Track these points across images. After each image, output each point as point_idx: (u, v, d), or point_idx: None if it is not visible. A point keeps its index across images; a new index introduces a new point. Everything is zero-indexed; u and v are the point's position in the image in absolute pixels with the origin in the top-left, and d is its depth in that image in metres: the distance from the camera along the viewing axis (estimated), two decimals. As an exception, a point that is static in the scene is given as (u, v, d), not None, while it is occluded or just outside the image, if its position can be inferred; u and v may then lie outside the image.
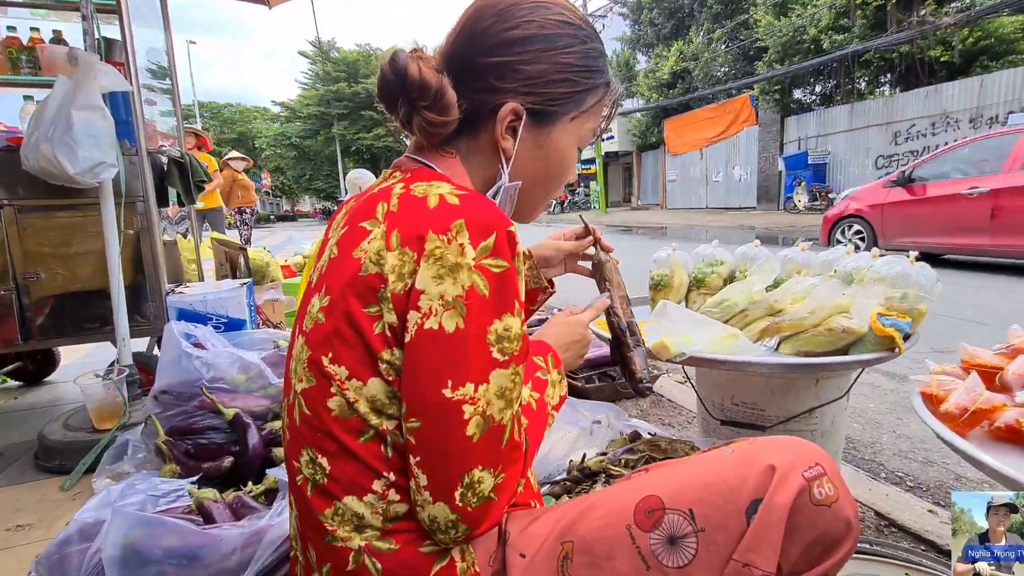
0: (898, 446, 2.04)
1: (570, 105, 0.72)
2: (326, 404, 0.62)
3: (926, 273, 1.10)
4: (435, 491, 0.58)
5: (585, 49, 0.72)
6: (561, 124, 0.73)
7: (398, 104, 0.68)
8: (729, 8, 18.25)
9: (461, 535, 0.59)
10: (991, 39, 11.26)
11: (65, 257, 2.16)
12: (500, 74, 0.68)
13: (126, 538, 0.93)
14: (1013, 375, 0.80)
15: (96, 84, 1.72)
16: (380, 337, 0.60)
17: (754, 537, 0.57)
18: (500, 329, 0.59)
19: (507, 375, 0.60)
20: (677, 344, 1.09)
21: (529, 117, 0.70)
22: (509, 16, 0.68)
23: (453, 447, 0.57)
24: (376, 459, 0.62)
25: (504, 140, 0.70)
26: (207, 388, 1.51)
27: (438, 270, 0.57)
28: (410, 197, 0.63)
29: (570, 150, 0.76)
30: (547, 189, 0.79)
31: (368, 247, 0.61)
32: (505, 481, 0.61)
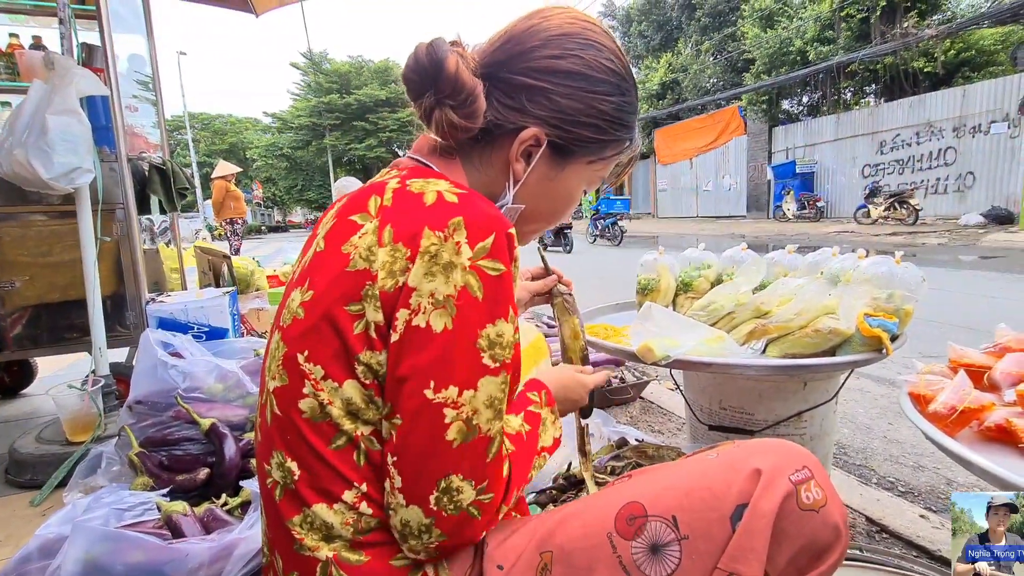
0: (889, 451, 2.03)
1: (591, 150, 0.71)
2: (298, 405, 0.59)
3: (912, 273, 1.08)
4: (408, 492, 0.55)
5: (622, 101, 0.70)
6: (576, 164, 0.71)
7: (424, 94, 0.65)
8: (717, 20, 18.57)
9: (434, 541, 0.56)
10: (972, 51, 11.53)
11: (42, 266, 2.11)
12: (534, 98, 0.66)
13: (87, 554, 0.88)
14: (1001, 374, 0.78)
15: (73, 88, 1.69)
16: (360, 337, 0.57)
17: (739, 545, 0.55)
18: (492, 334, 0.56)
19: (497, 383, 0.57)
20: (662, 347, 1.07)
21: (548, 148, 0.68)
22: (559, 45, 0.66)
23: (431, 450, 0.55)
24: (348, 467, 0.59)
25: (517, 162, 0.68)
26: (182, 398, 1.46)
27: (431, 267, 0.55)
28: (405, 192, 0.61)
29: (577, 190, 0.74)
30: (547, 220, 0.77)
31: (359, 242, 0.59)
32: (490, 502, 0.58)
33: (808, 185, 13.63)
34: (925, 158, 11.34)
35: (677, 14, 20.08)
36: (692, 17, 19.37)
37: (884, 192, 11.00)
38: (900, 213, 10.45)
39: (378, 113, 29.87)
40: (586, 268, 8.05)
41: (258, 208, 36.44)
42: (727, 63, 17.80)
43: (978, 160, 10.37)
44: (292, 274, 0.68)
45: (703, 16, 18.82)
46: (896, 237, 9.02)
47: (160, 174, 2.36)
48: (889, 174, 12.03)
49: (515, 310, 0.60)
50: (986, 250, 7.41)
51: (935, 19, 12.03)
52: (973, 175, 10.48)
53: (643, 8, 21.27)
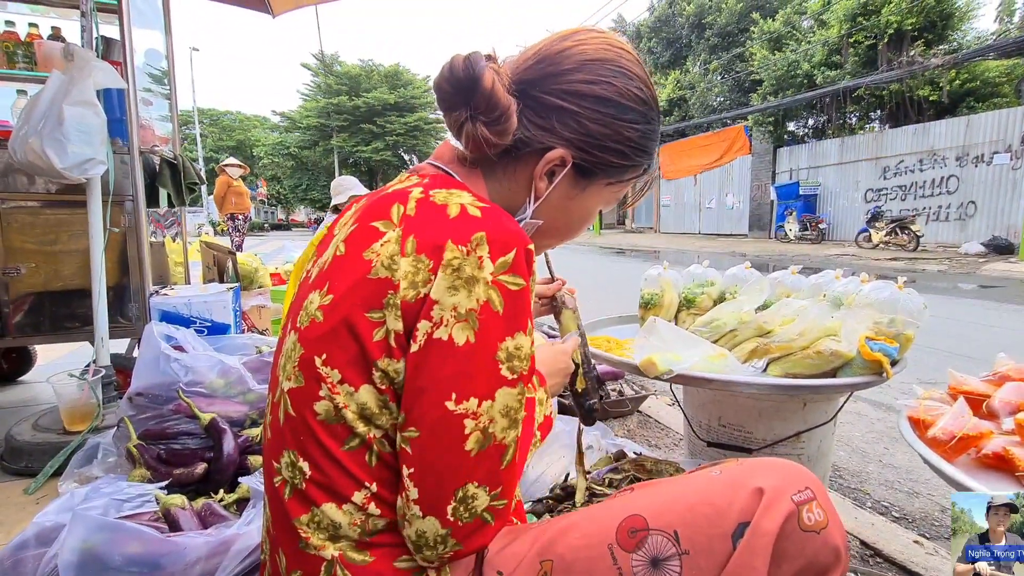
0: (884, 476, 2.03)
1: (613, 173, 0.73)
2: (312, 407, 0.60)
3: (914, 299, 1.10)
4: (426, 505, 0.56)
5: (647, 129, 0.72)
6: (597, 186, 0.73)
7: (457, 106, 0.66)
8: (726, 41, 18.74)
9: (449, 551, 0.57)
10: (977, 81, 11.64)
11: (48, 254, 2.12)
12: (564, 120, 0.68)
13: (85, 543, 0.89)
14: (1000, 402, 0.79)
15: (90, 80, 1.71)
16: (379, 344, 0.57)
17: (740, 563, 0.55)
18: (511, 347, 0.58)
19: (514, 395, 0.58)
20: (665, 361, 1.07)
21: (571, 169, 0.70)
22: (592, 71, 0.67)
23: (450, 461, 0.56)
24: (359, 468, 0.59)
25: (540, 180, 0.70)
26: (184, 392, 1.46)
27: (454, 281, 0.56)
28: (429, 203, 0.62)
29: (594, 210, 0.77)
30: (561, 237, 0.79)
31: (381, 250, 0.59)
32: (503, 508, 0.59)
33: (811, 207, 13.69)
34: (928, 185, 11.41)
35: (687, 32, 20.27)
36: (701, 36, 19.55)
37: (886, 217, 11.06)
38: (901, 239, 10.50)
39: (386, 117, 30.07)
40: (586, 274, 8.06)
41: (262, 205, 36.50)
42: (734, 83, 17.94)
43: (980, 190, 10.44)
44: (307, 275, 0.68)
45: (712, 36, 19.00)
46: (897, 262, 9.05)
47: (171, 168, 2.38)
48: (891, 199, 12.10)
49: (532, 323, 0.61)
50: (986, 279, 7.43)
51: (941, 49, 12.14)
52: (975, 204, 10.54)
53: (653, 25, 21.48)
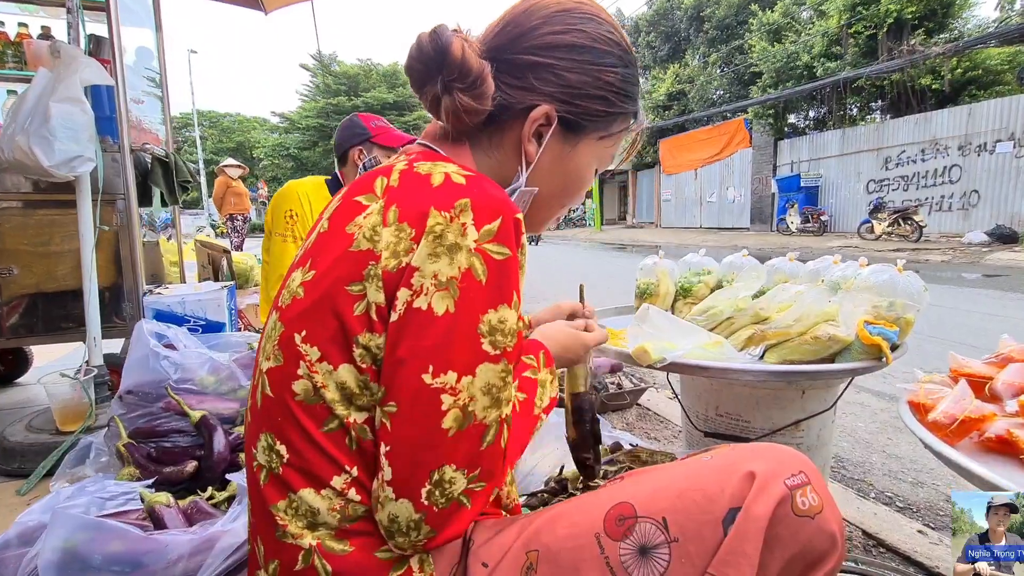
0: (888, 466, 2.00)
1: (600, 124, 0.70)
2: (291, 387, 0.58)
3: (914, 282, 1.07)
4: (399, 486, 0.53)
5: (626, 73, 0.70)
6: (587, 141, 0.71)
7: (430, 81, 0.64)
8: (725, 33, 18.65)
9: (423, 538, 0.54)
10: (979, 70, 11.53)
11: (41, 255, 2.11)
12: (540, 75, 0.66)
13: (66, 542, 0.87)
14: (1003, 384, 0.76)
15: (77, 77, 1.69)
16: (360, 319, 0.56)
17: (730, 549, 0.53)
18: (494, 320, 0.55)
19: (497, 371, 0.56)
20: (658, 349, 1.05)
21: (559, 125, 0.68)
22: (559, 21, 0.66)
23: (426, 439, 0.53)
24: (339, 451, 0.57)
25: (529, 143, 0.68)
26: (173, 389, 1.45)
27: (436, 248, 0.54)
28: (412, 173, 0.60)
29: (589, 169, 0.74)
30: (560, 202, 0.76)
31: (363, 222, 0.58)
32: (482, 491, 0.56)
33: (812, 199, 13.61)
34: (930, 175, 11.32)
35: (685, 26, 20.18)
36: (700, 29, 19.45)
37: (888, 208, 10.97)
38: (904, 229, 10.42)
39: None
40: (587, 269, 8.04)
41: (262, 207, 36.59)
42: (734, 76, 17.85)
43: (983, 179, 10.35)
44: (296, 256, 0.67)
45: (711, 29, 18.90)
46: (900, 253, 8.99)
47: (163, 166, 2.35)
48: (894, 190, 12.01)
49: (519, 298, 0.58)
50: (990, 268, 7.37)
51: (942, 37, 12.04)
52: (978, 193, 10.46)
53: (652, 19, 21.38)
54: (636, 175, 22.71)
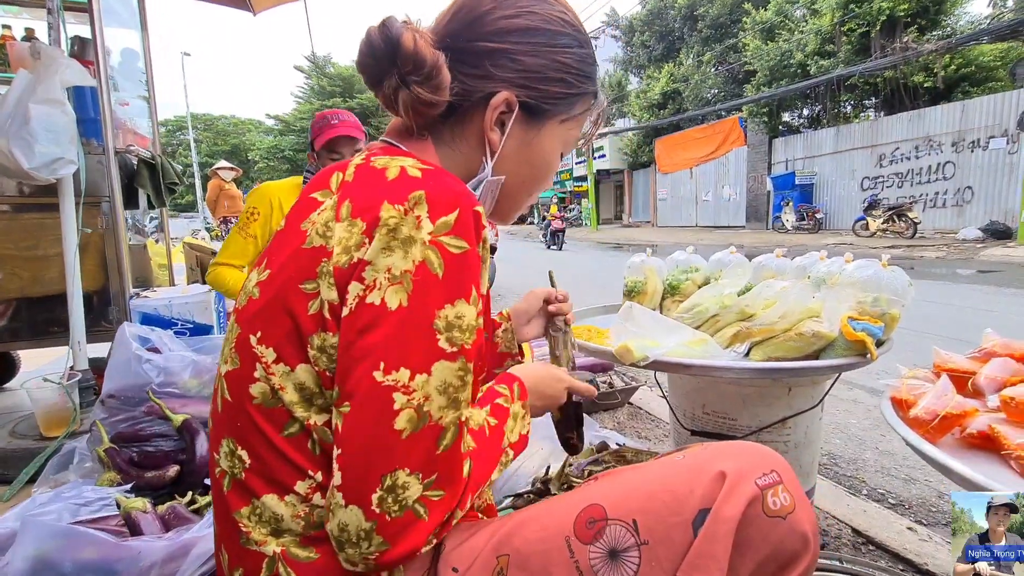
0: (881, 463, 2.00)
1: (562, 107, 0.69)
2: (248, 390, 0.56)
3: (899, 277, 1.06)
4: (349, 491, 0.50)
5: (582, 53, 0.69)
6: (551, 125, 0.70)
7: (384, 76, 0.62)
8: (718, 32, 18.66)
9: (374, 551, 0.50)
10: (972, 66, 11.56)
11: (26, 258, 2.08)
12: (497, 61, 0.65)
13: (37, 551, 0.85)
14: (985, 379, 0.75)
15: (57, 78, 1.67)
16: (314, 318, 0.54)
17: (699, 552, 0.52)
18: (451, 316, 0.53)
19: (453, 369, 0.53)
20: (641, 347, 1.04)
21: (521, 111, 0.67)
22: (510, 4, 0.65)
23: (377, 440, 0.50)
24: (302, 456, 0.56)
25: (492, 131, 0.67)
26: (155, 393, 1.43)
27: (389, 242, 0.52)
28: (368, 168, 0.59)
29: (555, 153, 0.73)
30: (528, 190, 0.75)
31: (317, 218, 0.57)
32: (439, 500, 0.53)
33: (807, 197, 13.63)
34: (924, 172, 11.35)
35: (679, 25, 20.18)
36: (694, 28, 19.46)
37: (883, 205, 11.00)
38: (899, 226, 10.45)
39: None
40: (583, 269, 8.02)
41: (258, 210, 36.40)
42: (728, 74, 17.87)
43: (977, 175, 10.38)
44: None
45: (705, 28, 18.91)
46: (895, 250, 9.01)
47: (149, 168, 2.33)
48: (888, 187, 12.04)
49: (479, 294, 0.56)
50: (984, 264, 7.39)
51: (935, 34, 12.06)
52: (972, 190, 10.48)
53: (646, 18, 21.37)
54: (632, 175, 22.72)
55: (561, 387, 0.81)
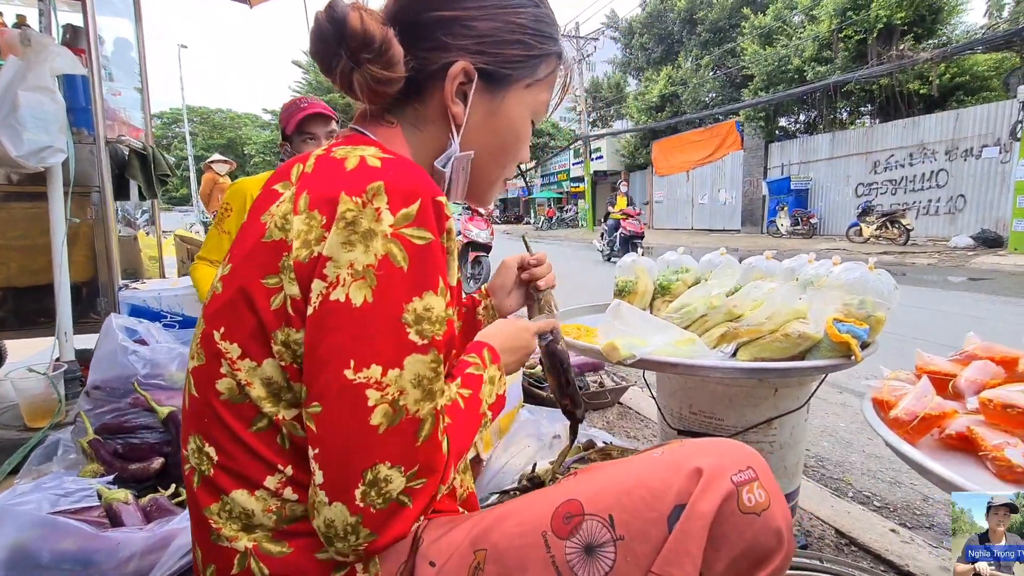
0: (867, 466, 2.01)
1: (524, 70, 0.67)
2: (215, 386, 0.56)
3: (885, 280, 1.06)
4: (331, 489, 0.50)
5: (538, 12, 0.67)
6: (515, 90, 0.67)
7: (336, 59, 0.61)
8: (717, 36, 18.74)
9: (362, 542, 0.51)
10: (966, 75, 11.66)
11: (14, 248, 2.06)
12: (450, 30, 0.63)
13: (15, 540, 0.84)
14: (966, 381, 0.76)
15: (47, 66, 1.66)
16: (276, 313, 0.53)
17: (674, 548, 0.51)
18: (419, 308, 0.52)
19: (426, 362, 0.53)
20: (628, 346, 1.04)
21: (481, 79, 0.65)
22: None
23: (354, 438, 0.50)
24: (270, 451, 0.55)
25: (455, 104, 0.65)
26: (141, 384, 1.42)
27: (349, 236, 0.51)
28: (328, 159, 0.58)
29: (524, 121, 0.70)
30: (501, 162, 0.71)
31: (276, 211, 0.56)
32: (423, 488, 0.53)
33: (802, 202, 13.71)
34: (918, 179, 11.43)
35: (678, 28, 20.25)
36: (693, 32, 19.54)
37: (876, 211, 11.08)
38: (892, 232, 10.52)
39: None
40: (579, 271, 8.03)
41: (254, 204, 36.26)
42: (726, 78, 17.94)
43: (969, 183, 10.47)
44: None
45: (704, 31, 18.99)
46: (887, 256, 9.08)
47: (140, 159, 2.32)
48: (882, 194, 12.13)
49: (447, 284, 0.56)
50: (975, 272, 7.46)
51: (931, 43, 12.16)
52: (964, 198, 10.57)
53: (645, 21, 21.43)
54: (629, 176, 22.77)
55: (528, 335, 0.81)
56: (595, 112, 25.32)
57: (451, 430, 0.60)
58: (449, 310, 0.56)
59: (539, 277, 0.91)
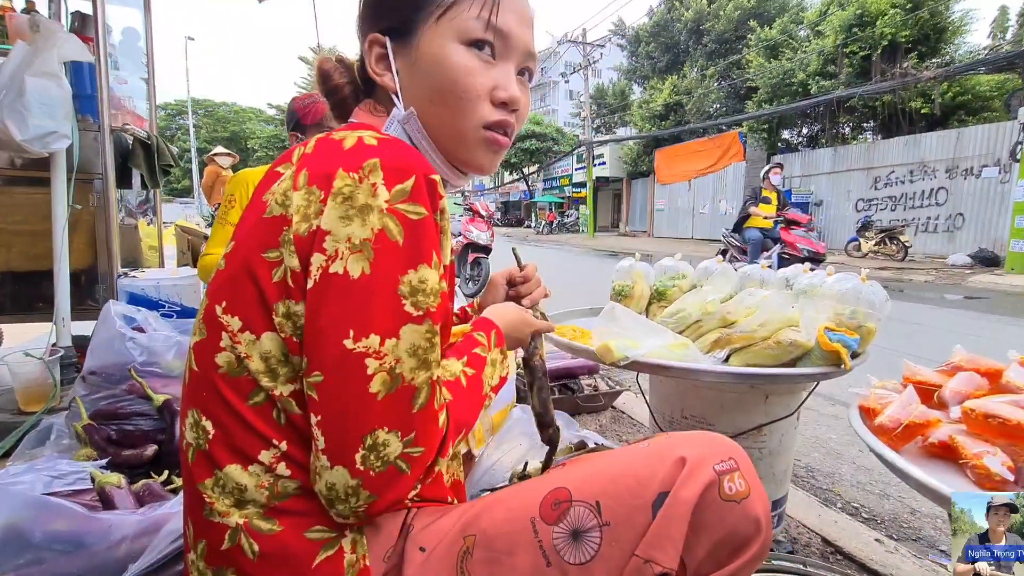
0: (857, 477, 2.02)
1: (423, 11, 0.64)
2: (214, 359, 0.57)
3: (876, 292, 1.08)
4: (333, 454, 0.52)
5: None
6: (426, 30, 0.64)
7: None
8: (723, 48, 18.83)
9: (363, 504, 0.53)
10: (968, 95, 11.73)
11: (14, 232, 2.07)
12: (361, 19, 0.69)
13: (7, 519, 0.85)
14: (950, 392, 0.77)
15: (55, 52, 1.67)
16: (278, 286, 0.55)
17: (657, 532, 0.53)
18: (415, 280, 0.54)
19: (421, 332, 0.55)
20: (622, 347, 1.05)
21: (393, 41, 0.67)
22: None
23: (354, 404, 0.52)
24: (266, 425, 0.57)
25: (381, 75, 0.68)
26: (138, 371, 1.43)
27: (346, 210, 0.53)
28: (327, 140, 0.60)
29: (449, 51, 0.63)
30: (451, 106, 0.64)
31: (276, 188, 0.58)
32: (420, 456, 0.55)
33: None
34: (917, 196, 11.48)
35: (684, 38, 20.34)
36: (699, 42, 19.62)
37: (876, 227, 11.12)
38: (890, 248, 10.56)
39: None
40: (578, 277, 8.04)
41: (255, 199, 36.29)
42: (730, 89, 18.01)
43: (968, 202, 10.52)
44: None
45: (710, 42, 19.08)
46: (885, 272, 9.11)
47: (144, 148, 2.33)
48: (882, 209, 12.17)
49: (440, 258, 0.58)
50: (971, 290, 7.48)
51: (934, 62, 12.23)
52: (963, 216, 10.62)
53: (652, 30, 21.53)
54: (630, 184, 22.83)
55: (527, 330, 0.83)
56: (599, 118, 25.42)
57: (452, 406, 0.62)
58: (443, 283, 0.58)
59: (525, 295, 0.91)
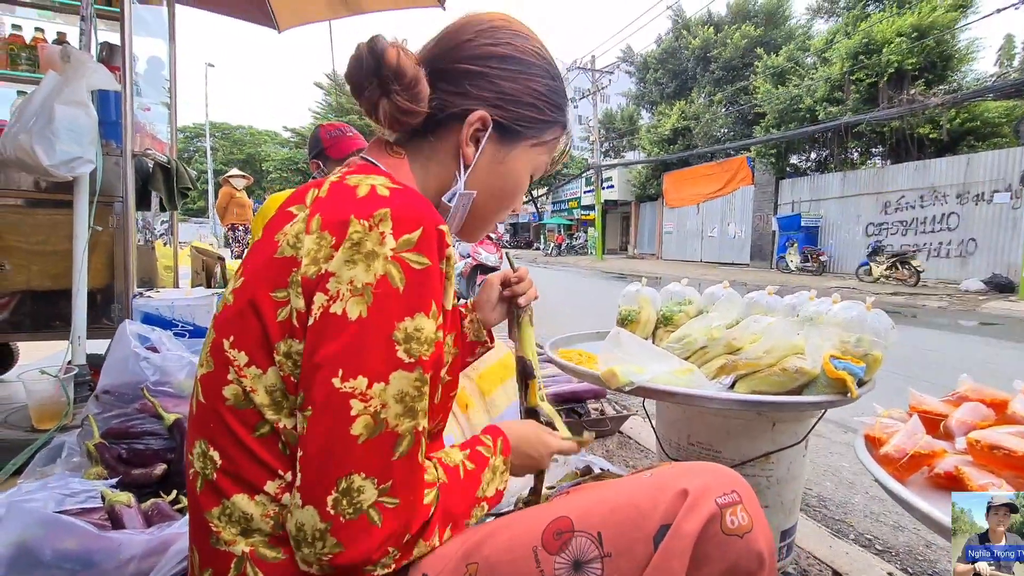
0: (870, 507, 1.98)
1: (533, 131, 0.73)
2: (221, 392, 0.59)
3: (882, 320, 1.08)
4: (306, 492, 0.52)
5: (554, 85, 0.75)
6: (522, 146, 0.74)
7: (367, 87, 0.67)
8: (730, 74, 19.09)
9: (328, 551, 0.52)
10: (977, 121, 11.75)
11: (35, 252, 2.13)
12: (475, 81, 0.69)
13: (20, 536, 0.86)
14: (956, 422, 0.77)
15: (84, 81, 1.74)
16: (282, 325, 0.57)
17: (657, 566, 0.53)
18: (410, 328, 0.56)
19: (411, 379, 0.56)
20: (627, 373, 1.06)
21: (495, 130, 0.71)
22: (491, 34, 0.71)
23: (334, 444, 0.53)
24: (272, 456, 0.58)
25: (467, 146, 0.70)
26: (150, 391, 1.45)
27: (353, 255, 0.55)
28: (341, 185, 0.62)
29: (524, 174, 0.76)
30: (498, 206, 0.77)
31: (289, 230, 0.60)
32: (394, 509, 0.54)
33: (812, 239, 13.71)
34: (928, 221, 11.43)
35: (692, 65, 20.67)
36: (707, 69, 19.93)
37: (887, 251, 11.05)
38: (902, 273, 10.47)
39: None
40: (587, 299, 8.04)
41: (268, 219, 36.83)
42: (738, 115, 18.20)
43: (980, 227, 10.45)
44: None
45: (717, 69, 19.36)
46: (897, 297, 9.01)
47: (164, 172, 2.40)
48: (892, 234, 12.11)
49: (440, 308, 0.59)
50: (986, 316, 7.37)
51: (941, 88, 12.30)
52: (975, 241, 10.54)
53: (660, 57, 21.92)
54: (639, 207, 22.94)
55: (545, 451, 0.78)
56: (608, 142, 25.72)
57: (444, 489, 0.62)
58: (439, 333, 0.59)
59: (520, 294, 0.96)
